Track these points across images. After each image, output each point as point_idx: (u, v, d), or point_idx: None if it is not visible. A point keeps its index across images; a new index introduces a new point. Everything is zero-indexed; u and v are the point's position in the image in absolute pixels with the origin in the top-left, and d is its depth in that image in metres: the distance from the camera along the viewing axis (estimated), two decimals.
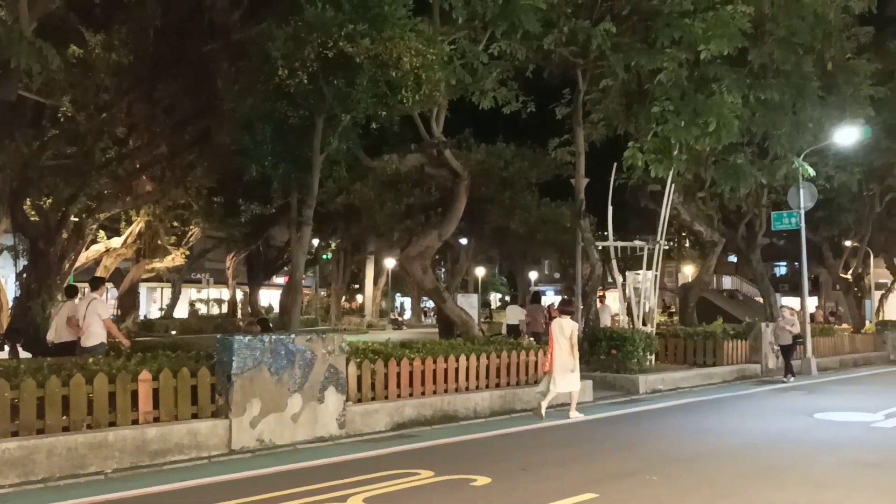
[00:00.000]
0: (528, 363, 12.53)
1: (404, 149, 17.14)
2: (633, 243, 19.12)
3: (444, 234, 16.05)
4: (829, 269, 30.63)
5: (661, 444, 9.36)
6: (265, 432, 8.72)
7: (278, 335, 9.24)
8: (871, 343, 24.27)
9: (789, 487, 7.01)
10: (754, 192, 20.76)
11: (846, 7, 17.84)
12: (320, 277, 48.42)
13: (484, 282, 57.57)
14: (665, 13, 15.14)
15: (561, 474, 7.50)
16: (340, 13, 11.27)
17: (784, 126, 17.99)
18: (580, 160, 18.09)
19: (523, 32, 14.26)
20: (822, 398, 13.90)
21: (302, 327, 29.73)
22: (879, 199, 26.69)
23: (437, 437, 9.53)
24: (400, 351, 11.21)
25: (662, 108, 15.48)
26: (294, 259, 14.49)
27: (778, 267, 54.90)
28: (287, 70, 11.28)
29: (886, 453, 8.69)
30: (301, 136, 12.73)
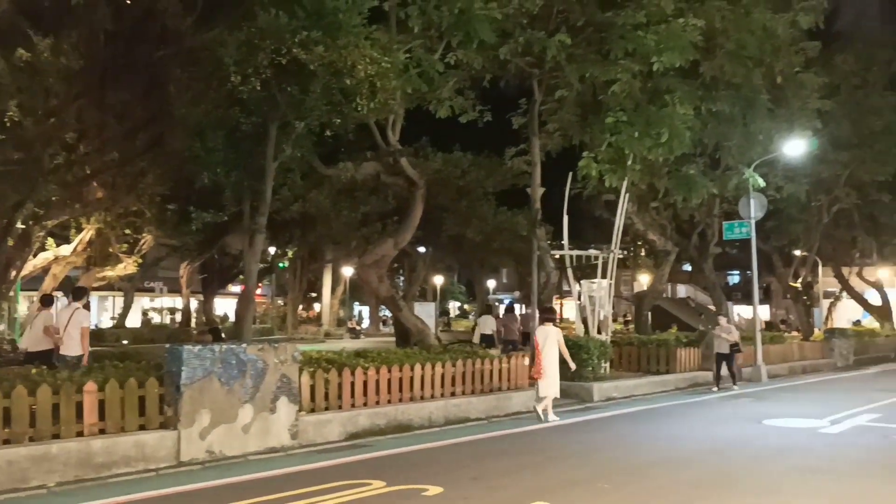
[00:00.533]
0: (483, 372, 12.54)
1: (360, 157, 17.10)
2: (588, 252, 19.28)
3: (401, 242, 16.03)
4: (780, 278, 31.31)
5: (614, 452, 9.43)
6: (215, 443, 8.59)
7: (229, 345, 9.12)
8: (819, 350, 24.78)
9: (737, 494, 7.11)
10: (706, 202, 21.12)
11: (794, 22, 18.27)
12: (277, 286, 47.94)
13: (442, 290, 57.60)
14: (619, 25, 15.35)
15: (513, 483, 7.51)
16: (294, 20, 11.22)
17: (735, 138, 18.35)
18: (536, 170, 18.23)
19: (479, 42, 14.35)
20: (771, 405, 14.14)
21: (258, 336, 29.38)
22: (827, 210, 27.35)
23: (391, 447, 9.47)
24: (354, 360, 11.14)
25: (616, 118, 15.67)
26: (247, 267, 14.34)
27: (731, 276, 55.88)
28: (240, 76, 11.20)
29: (832, 459, 8.87)
30: (254, 144, 12.64)
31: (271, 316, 44.99)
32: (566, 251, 18.05)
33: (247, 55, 11.24)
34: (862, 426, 11.34)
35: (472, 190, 23.77)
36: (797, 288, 31.08)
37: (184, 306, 37.64)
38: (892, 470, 8.27)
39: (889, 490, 7.30)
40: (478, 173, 23.24)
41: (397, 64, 12.41)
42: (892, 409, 13.31)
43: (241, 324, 13.90)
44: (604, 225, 21.46)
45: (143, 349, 17.97)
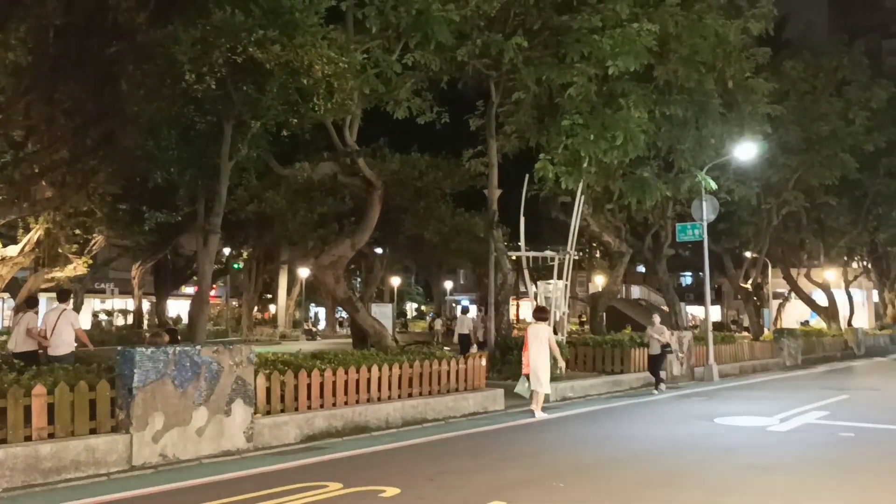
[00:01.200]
0: (440, 373, 12.56)
1: (317, 157, 16.99)
2: (545, 253, 19.45)
3: (358, 243, 15.97)
4: (731, 280, 31.87)
5: (569, 452, 9.52)
6: (168, 447, 8.45)
7: (183, 347, 8.99)
8: (768, 350, 25.32)
9: (688, 491, 7.24)
10: (660, 204, 21.44)
11: (745, 28, 18.64)
12: (231, 287, 47.37)
13: (399, 291, 57.52)
14: (575, 29, 15.50)
15: (469, 483, 7.53)
16: (250, 18, 11.11)
17: (688, 141, 18.64)
18: (493, 171, 18.31)
19: (437, 44, 14.37)
20: (722, 404, 14.41)
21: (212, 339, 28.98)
22: (776, 213, 27.94)
23: (348, 449, 9.43)
24: (311, 362, 11.06)
25: (572, 121, 15.82)
26: (201, 268, 14.14)
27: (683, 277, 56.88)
28: (194, 74, 11.04)
29: (780, 456, 9.07)
30: (209, 143, 12.48)
31: (226, 318, 44.43)
32: (523, 252, 18.17)
33: (201, 53, 11.09)
34: (810, 424, 11.61)
35: (429, 191, 23.81)
36: (747, 289, 31.70)
37: (135, 308, 37.00)
38: (838, 466, 8.49)
39: (835, 485, 7.49)
40: (435, 174, 23.28)
41: (354, 64, 12.35)
42: (839, 407, 13.65)
43: (195, 325, 13.70)
44: (560, 226, 21.64)
45: (93, 351, 17.59)
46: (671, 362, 19.01)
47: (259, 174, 16.23)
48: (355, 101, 13.26)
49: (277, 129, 13.00)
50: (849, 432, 10.72)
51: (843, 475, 7.99)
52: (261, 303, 51.34)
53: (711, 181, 19.74)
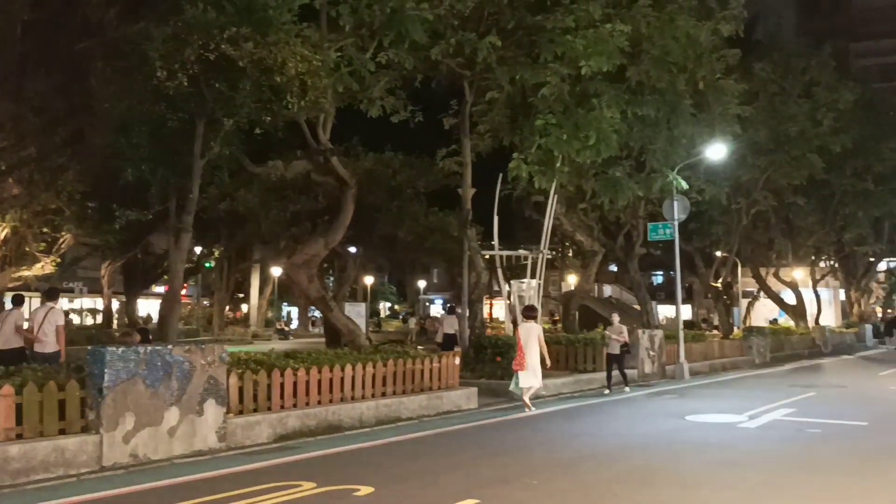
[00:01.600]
0: (414, 371, 12.56)
1: (290, 155, 16.90)
2: (518, 252, 19.53)
3: (331, 242, 15.91)
4: (701, 278, 32.24)
5: (542, 449, 9.57)
6: (139, 447, 8.37)
7: (154, 346, 8.91)
8: (738, 348, 25.65)
9: (659, 488, 7.31)
10: (632, 203, 21.59)
11: (716, 30, 18.82)
12: (203, 286, 46.96)
13: (373, 290, 57.39)
14: (548, 29, 15.56)
15: (444, 481, 7.55)
16: (223, 15, 11.03)
17: (659, 141, 18.80)
18: (467, 170, 18.34)
19: (410, 42, 14.35)
20: (692, 401, 14.57)
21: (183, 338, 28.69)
22: (746, 213, 28.30)
23: (321, 448, 9.40)
24: (283, 361, 11.00)
25: (545, 121, 15.89)
26: (172, 267, 14.02)
27: (655, 276, 57.35)
28: (166, 71, 10.93)
29: (750, 452, 9.19)
30: (181, 140, 12.37)
31: (197, 317, 44.05)
32: (496, 251, 18.24)
33: (173, 50, 10.99)
34: (778, 420, 11.79)
35: (403, 190, 23.78)
36: (718, 288, 32.07)
37: (105, 307, 36.54)
38: (806, 462, 8.63)
39: (802, 480, 7.62)
40: (409, 173, 23.26)
41: (328, 62, 12.31)
42: (806, 404, 13.87)
43: (166, 325, 13.57)
44: (533, 226, 21.75)
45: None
46: (643, 360, 19.20)
47: (231, 172, 16.11)
48: (329, 99, 13.21)
49: (250, 126, 12.92)
50: (816, 429, 10.90)
51: (810, 471, 8.13)
52: (233, 302, 50.96)
53: (682, 181, 19.94)
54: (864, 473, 7.95)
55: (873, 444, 9.71)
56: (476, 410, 12.96)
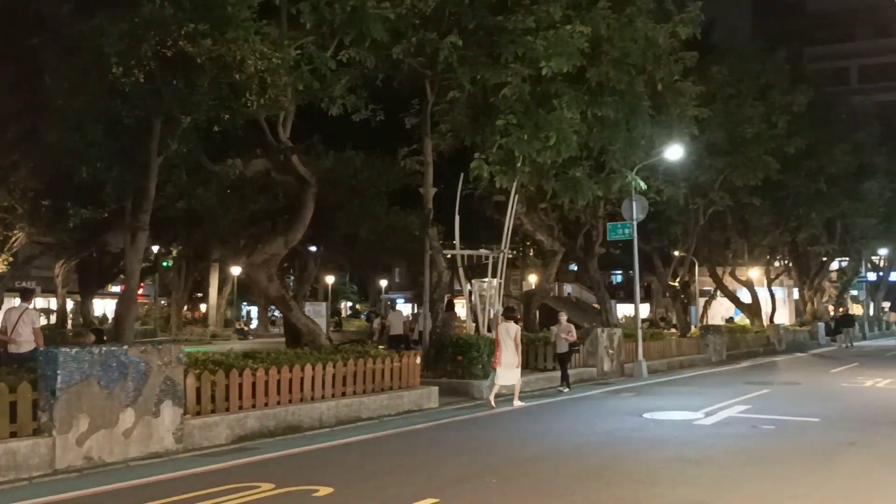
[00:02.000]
0: (374, 371, 12.54)
1: (250, 154, 16.71)
2: (479, 252, 19.58)
3: (291, 241, 15.78)
4: (659, 278, 32.63)
5: (502, 448, 9.63)
6: (94, 449, 8.23)
7: (109, 347, 8.76)
8: (695, 346, 26.01)
9: (618, 483, 7.40)
10: (592, 204, 21.77)
11: (674, 32, 19.05)
12: (160, 286, 46.24)
13: (334, 290, 57.06)
14: (509, 30, 15.62)
15: (403, 481, 7.55)
16: (180, 12, 10.86)
17: (619, 142, 18.96)
18: (428, 170, 18.31)
19: (372, 41, 14.29)
20: (650, 399, 14.77)
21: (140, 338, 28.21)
22: (703, 213, 28.71)
23: (280, 449, 9.33)
24: (242, 361, 10.91)
25: (506, 121, 15.95)
26: (128, 266, 13.77)
27: (615, 275, 57.95)
28: (122, 68, 10.74)
29: (705, 449, 9.35)
30: (137, 138, 12.16)
31: (154, 317, 43.36)
32: (458, 251, 18.26)
33: (130, 46, 10.80)
34: (734, 417, 12.00)
35: (365, 189, 23.73)
36: (675, 287, 32.51)
37: (59, 307, 35.83)
38: (759, 457, 8.80)
39: (756, 475, 7.76)
40: (371, 173, 23.21)
41: (288, 60, 12.20)
42: (760, 401, 14.14)
43: (122, 325, 13.35)
44: (494, 225, 21.80)
45: None
46: (601, 359, 19.40)
47: (189, 171, 15.88)
48: (289, 97, 13.09)
49: (208, 124, 12.75)
50: (770, 425, 11.12)
51: (763, 466, 8.29)
52: (191, 302, 50.30)
53: (641, 181, 20.17)
54: (815, 468, 8.14)
55: (824, 440, 9.94)
56: (437, 409, 12.98)
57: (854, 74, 69.63)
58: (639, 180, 20.06)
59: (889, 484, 7.26)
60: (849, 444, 9.71)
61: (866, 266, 51.10)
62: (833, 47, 66.99)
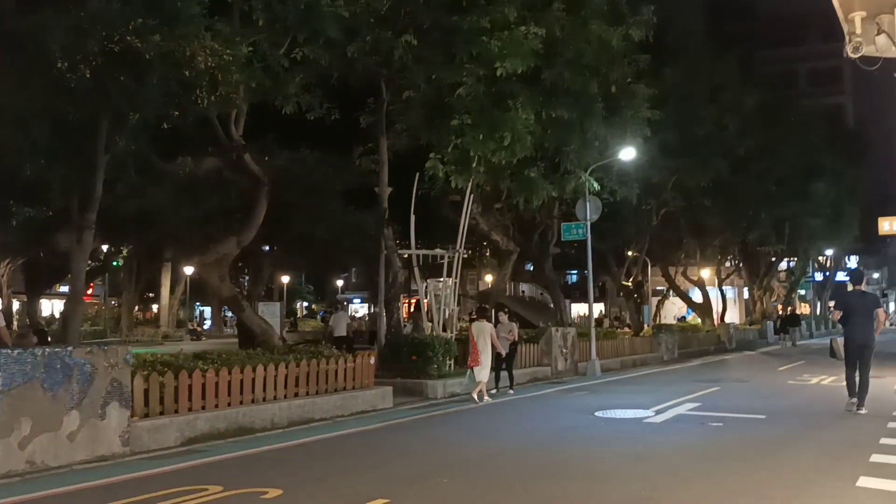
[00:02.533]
0: (328, 371, 12.46)
1: (202, 152, 16.47)
2: (435, 251, 19.57)
3: (244, 240, 15.61)
4: (613, 277, 33.04)
5: (455, 447, 9.63)
6: (37, 453, 8.03)
7: (53, 348, 8.56)
8: (648, 345, 26.38)
9: (568, 481, 7.46)
10: (546, 204, 21.91)
11: (627, 35, 19.29)
12: (111, 286, 45.37)
13: (290, 290, 56.58)
14: (464, 30, 15.65)
15: (354, 482, 7.51)
16: (128, 6, 10.64)
17: (573, 143, 19.12)
18: (384, 169, 18.26)
19: (326, 39, 14.20)
20: (603, 397, 14.92)
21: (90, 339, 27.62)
22: (656, 213, 29.13)
23: (231, 451, 9.21)
24: (192, 362, 10.75)
25: (461, 121, 15.98)
26: (75, 266, 13.46)
27: (570, 275, 58.39)
28: (67, 64, 10.48)
29: (655, 446, 9.48)
30: (83, 136, 11.87)
31: (104, 317, 42.51)
32: (413, 250, 18.23)
33: (75, 41, 10.53)
34: (683, 415, 12.18)
35: (320, 188, 23.56)
36: (629, 286, 32.92)
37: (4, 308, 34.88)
38: (707, 454, 8.94)
39: (703, 471, 7.89)
40: (325, 171, 23.05)
41: (240, 57, 12.04)
42: (710, 399, 14.38)
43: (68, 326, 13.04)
44: (450, 225, 21.81)
45: None
46: (556, 358, 19.55)
47: (139, 169, 15.56)
48: (241, 94, 12.93)
49: (158, 122, 12.52)
50: (718, 422, 11.31)
51: (711, 462, 8.43)
52: (142, 302, 49.46)
53: (595, 182, 20.37)
54: (762, 463, 8.30)
55: (771, 436, 10.14)
56: (391, 410, 12.95)
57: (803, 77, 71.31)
58: (593, 181, 20.26)
59: (833, 478, 7.44)
60: (794, 438, 9.92)
61: (813, 266, 52.35)
62: (783, 51, 68.53)
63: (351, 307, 66.59)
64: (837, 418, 11.64)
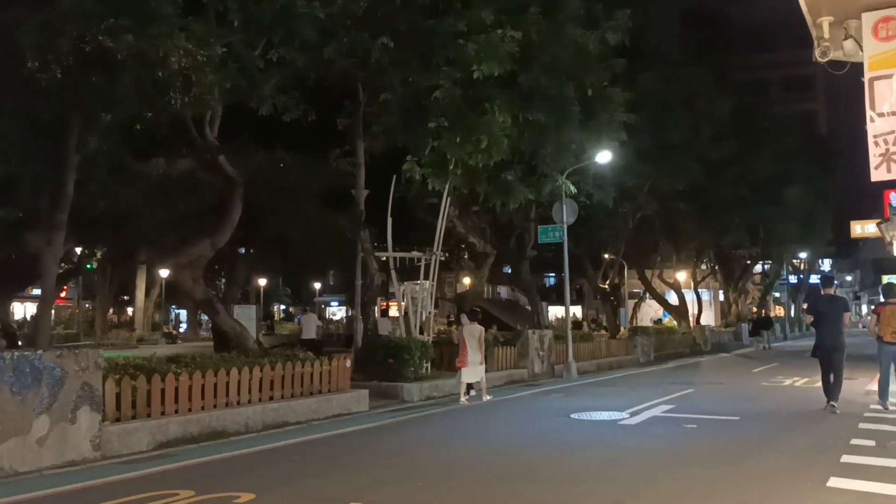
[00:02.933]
0: (304, 374, 12.39)
1: (176, 152, 16.32)
2: (412, 254, 19.56)
3: (218, 242, 15.49)
4: (590, 280, 33.20)
5: (430, 450, 9.61)
6: (4, 458, 7.90)
7: (22, 351, 8.43)
8: (624, 348, 26.52)
9: (541, 484, 7.46)
10: (523, 207, 21.98)
11: (603, 39, 19.42)
12: (85, 289, 44.82)
13: (267, 292, 56.24)
14: (440, 33, 15.66)
15: (327, 485, 7.46)
16: (101, 5, 10.52)
17: (549, 146, 19.19)
18: (360, 171, 18.22)
19: (302, 41, 14.13)
20: (579, 399, 14.96)
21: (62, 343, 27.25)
22: (632, 217, 29.34)
23: (203, 455, 9.12)
24: (165, 366, 10.63)
25: (438, 124, 15.98)
26: (45, 268, 13.29)
27: (547, 278, 58.61)
28: (38, 62, 10.33)
29: (629, 448, 9.52)
30: (55, 135, 11.71)
31: (78, 320, 41.98)
32: (390, 253, 18.19)
33: (47, 39, 10.40)
34: (658, 417, 12.25)
35: (296, 190, 23.41)
36: (605, 289, 33.10)
37: None
38: (681, 456, 8.98)
39: (676, 473, 7.92)
40: (302, 173, 22.91)
41: (214, 57, 11.94)
42: (684, 401, 14.46)
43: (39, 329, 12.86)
44: (427, 228, 21.81)
45: None
46: (532, 360, 19.58)
47: (112, 170, 15.38)
48: (215, 95, 12.83)
49: (131, 122, 12.39)
50: (692, 424, 11.38)
51: (684, 464, 8.46)
52: (117, 305, 48.91)
53: (571, 185, 20.46)
54: (735, 465, 8.35)
55: (744, 438, 10.21)
56: (366, 413, 12.89)
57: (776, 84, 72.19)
58: (569, 184, 20.34)
59: (804, 479, 7.50)
60: (767, 440, 10.00)
61: (787, 269, 52.97)
62: (756, 58, 69.33)
63: (329, 310, 66.40)
64: (810, 420, 11.76)
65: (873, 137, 6.44)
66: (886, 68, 6.43)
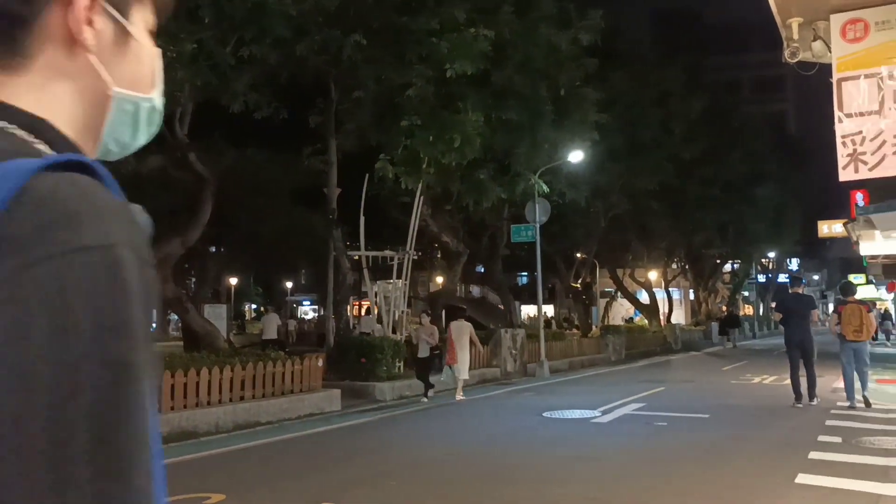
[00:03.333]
0: (275, 374, 12.30)
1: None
2: (385, 253, 19.50)
3: (188, 240, 15.34)
4: (562, 279, 33.34)
5: (403, 449, 9.58)
6: None
7: None
8: (596, 346, 26.66)
9: (514, 483, 7.46)
10: (496, 206, 22.01)
11: (576, 39, 19.49)
12: None
13: (238, 291, 55.76)
14: (413, 31, 15.61)
15: (299, 486, 7.40)
16: None
17: (522, 145, 19.24)
18: (333, 170, 18.13)
19: (274, 38, 14.01)
20: (551, 398, 15.01)
21: None
22: (604, 216, 29.50)
23: (172, 456, 8.98)
24: None
25: (411, 122, 15.94)
26: None
27: (520, 277, 58.72)
28: None
29: (601, 446, 9.56)
30: None
31: None
32: (363, 252, 18.13)
33: None
34: (629, 415, 12.33)
35: (267, 188, 23.26)
36: (578, 288, 33.27)
37: None
38: (652, 453, 9.05)
39: (647, 471, 7.97)
40: (274, 171, 22.76)
41: (185, 54, 11.80)
42: (655, 399, 14.58)
43: None
44: (400, 226, 21.76)
45: None
46: (505, 359, 19.61)
47: None
48: (186, 92, 12.68)
49: None
50: (663, 422, 11.46)
51: (655, 461, 8.52)
52: None
53: (544, 185, 20.53)
54: (705, 462, 8.43)
55: (713, 435, 10.31)
56: (338, 412, 12.83)
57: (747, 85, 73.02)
58: (542, 183, 20.41)
59: (773, 475, 7.59)
60: (737, 437, 10.10)
61: (756, 268, 53.63)
62: (728, 59, 70.07)
63: (301, 309, 66.04)
64: (779, 417, 11.90)
65: (841, 138, 6.51)
66: (854, 69, 6.51)
